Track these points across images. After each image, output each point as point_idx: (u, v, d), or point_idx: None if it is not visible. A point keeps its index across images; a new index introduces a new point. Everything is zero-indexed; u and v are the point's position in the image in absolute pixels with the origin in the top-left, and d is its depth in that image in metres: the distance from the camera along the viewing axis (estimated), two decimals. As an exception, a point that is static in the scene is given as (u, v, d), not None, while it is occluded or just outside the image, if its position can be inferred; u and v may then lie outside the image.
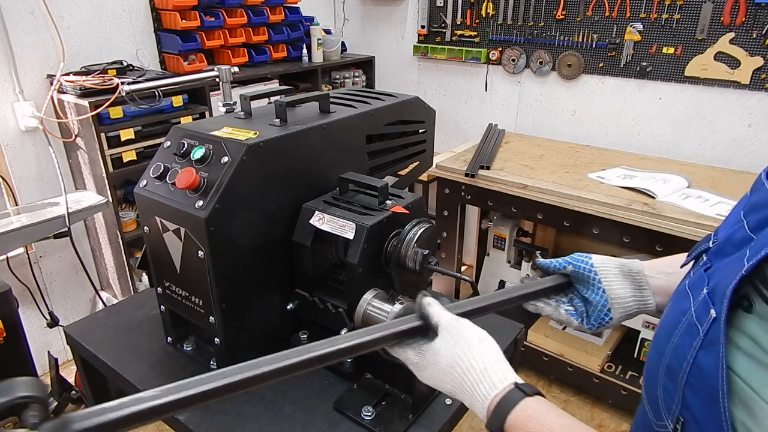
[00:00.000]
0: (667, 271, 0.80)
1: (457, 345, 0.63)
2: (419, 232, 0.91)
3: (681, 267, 0.65)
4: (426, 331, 0.66)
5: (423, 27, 3.16)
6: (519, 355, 1.15)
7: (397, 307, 0.85)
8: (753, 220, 0.50)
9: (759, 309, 0.45)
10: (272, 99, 1.06)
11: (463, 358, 0.62)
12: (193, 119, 2.35)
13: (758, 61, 2.20)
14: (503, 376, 0.61)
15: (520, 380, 0.61)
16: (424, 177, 2.92)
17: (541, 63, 2.80)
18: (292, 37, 2.90)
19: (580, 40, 2.63)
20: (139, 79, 2.17)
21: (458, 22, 3.02)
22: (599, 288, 0.80)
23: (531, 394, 0.59)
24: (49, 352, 2.30)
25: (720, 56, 2.30)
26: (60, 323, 2.12)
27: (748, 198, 0.56)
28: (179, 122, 2.30)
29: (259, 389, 0.95)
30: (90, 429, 0.48)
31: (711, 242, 0.59)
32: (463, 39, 3.03)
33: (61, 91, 2.19)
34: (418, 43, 3.22)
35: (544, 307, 0.88)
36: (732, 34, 2.23)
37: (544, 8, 2.70)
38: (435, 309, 0.66)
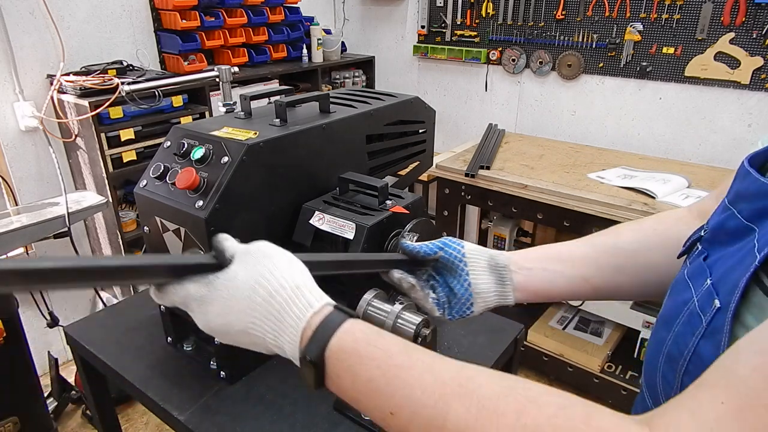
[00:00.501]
0: (528, 266, 0.77)
1: (260, 264, 0.51)
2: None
3: (678, 258, 0.64)
4: (217, 267, 0.52)
5: (423, 27, 3.16)
6: (519, 355, 1.15)
7: (398, 307, 0.85)
8: (746, 209, 0.50)
9: (756, 300, 0.46)
10: (272, 99, 1.06)
11: (269, 277, 0.50)
12: (193, 119, 2.35)
13: (758, 61, 2.21)
14: (319, 295, 0.52)
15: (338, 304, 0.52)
16: (424, 177, 2.92)
17: (541, 63, 2.80)
18: (292, 37, 2.90)
19: (580, 40, 2.63)
20: (139, 79, 2.17)
21: (458, 22, 3.02)
22: (465, 280, 0.76)
23: (355, 316, 0.51)
24: (49, 352, 2.30)
25: (720, 56, 2.30)
26: (60, 323, 2.12)
27: (730, 185, 0.56)
28: (179, 122, 2.30)
29: (259, 389, 0.95)
30: None
31: (703, 231, 0.59)
32: (463, 39, 3.03)
33: (61, 91, 2.19)
34: (418, 43, 3.22)
35: (416, 293, 0.79)
36: (732, 34, 2.24)
37: (544, 8, 2.70)
38: (231, 242, 0.54)
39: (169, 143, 0.97)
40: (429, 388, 0.45)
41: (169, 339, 1.07)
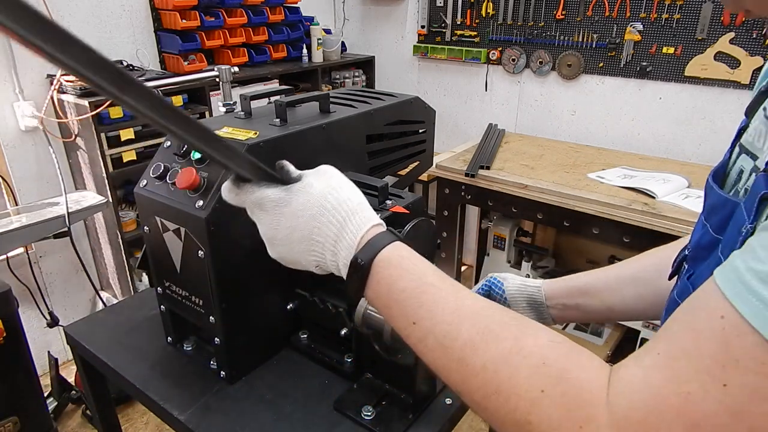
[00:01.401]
0: (562, 302, 0.87)
1: (333, 179, 0.59)
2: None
3: (669, 279, 0.67)
4: (293, 181, 0.60)
5: (423, 27, 3.16)
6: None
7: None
8: (714, 222, 0.53)
9: None
10: (272, 99, 1.06)
11: (339, 190, 0.58)
12: (193, 119, 2.35)
13: (758, 61, 2.20)
14: (375, 216, 0.58)
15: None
16: (424, 177, 2.92)
17: (541, 63, 2.80)
18: (292, 37, 2.90)
19: (580, 40, 2.63)
20: (140, 79, 2.16)
21: (458, 22, 3.02)
22: None
23: (403, 240, 0.58)
24: (49, 352, 2.30)
25: (720, 56, 2.30)
26: (60, 323, 2.12)
27: (703, 202, 0.59)
28: (179, 122, 2.30)
29: (259, 389, 0.95)
30: None
31: (687, 250, 0.61)
32: (463, 39, 3.03)
33: (61, 91, 2.19)
34: (418, 43, 3.22)
35: None
36: (732, 34, 2.24)
37: (544, 8, 2.70)
38: (292, 167, 0.62)
39: (169, 143, 0.97)
40: (450, 308, 0.52)
41: (169, 339, 1.07)
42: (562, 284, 0.89)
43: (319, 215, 0.57)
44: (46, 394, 2.12)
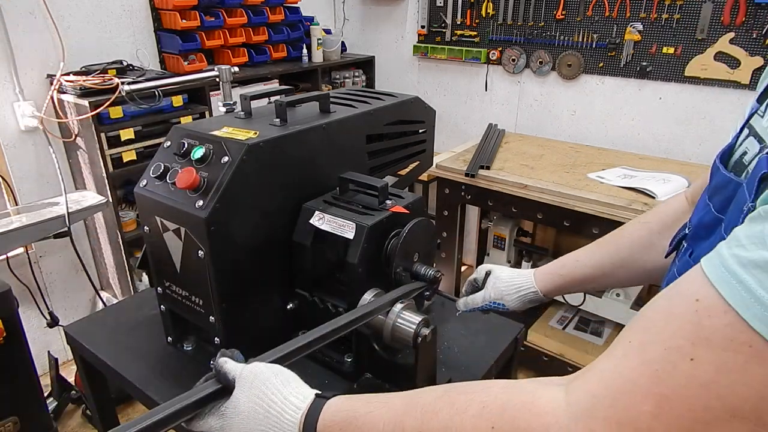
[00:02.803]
0: (560, 292, 0.97)
1: (254, 386, 0.62)
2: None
3: (666, 257, 0.71)
4: (226, 391, 0.64)
5: (423, 27, 3.16)
6: (519, 355, 1.15)
7: (398, 307, 0.85)
8: (717, 201, 0.54)
9: None
10: (272, 99, 1.06)
11: (263, 397, 0.61)
12: (193, 119, 2.35)
13: (758, 61, 2.20)
14: (303, 395, 0.62)
15: (319, 392, 0.63)
16: (424, 177, 2.92)
17: (541, 63, 2.80)
18: (292, 37, 2.90)
19: (580, 40, 2.63)
20: (139, 79, 2.17)
21: (458, 22, 3.02)
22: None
23: (330, 397, 0.62)
24: (49, 352, 2.30)
25: (720, 56, 2.30)
26: (60, 323, 2.12)
27: (708, 183, 0.61)
28: (179, 122, 2.30)
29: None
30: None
31: (687, 229, 0.63)
32: (463, 39, 3.03)
33: (61, 91, 2.18)
34: (418, 43, 3.22)
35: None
36: (732, 34, 2.24)
37: (544, 8, 2.70)
38: (230, 365, 0.65)
39: (169, 143, 0.97)
40: (388, 418, 0.56)
41: (169, 339, 1.07)
42: (559, 280, 0.95)
43: (258, 426, 0.61)
44: (46, 394, 2.12)
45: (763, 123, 0.53)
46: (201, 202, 0.85)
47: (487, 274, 1.03)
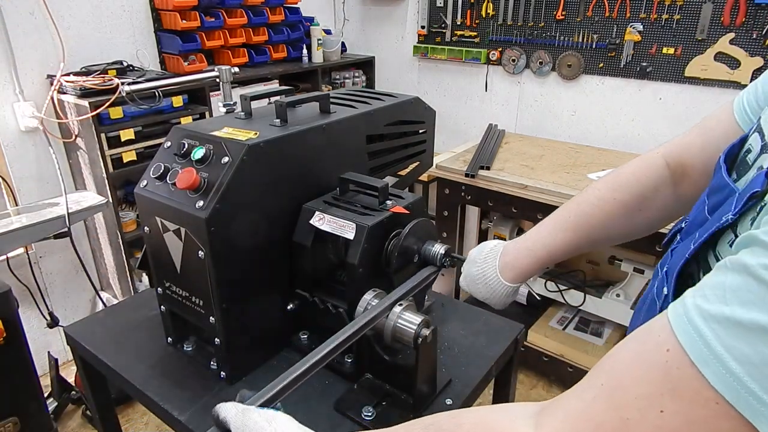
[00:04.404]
0: (527, 271, 0.92)
1: None
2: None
3: (661, 248, 0.70)
4: None
5: (423, 27, 3.16)
6: (519, 356, 1.15)
7: (398, 308, 0.85)
8: (711, 202, 0.54)
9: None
10: (272, 99, 1.06)
11: None
12: (193, 119, 2.35)
13: (758, 62, 2.20)
14: None
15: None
16: (424, 177, 2.92)
17: (541, 63, 2.80)
18: (292, 37, 2.90)
19: (580, 40, 2.63)
20: (140, 80, 2.17)
21: (458, 23, 3.02)
22: None
23: None
24: (49, 352, 2.30)
25: (720, 56, 2.30)
26: (60, 323, 2.12)
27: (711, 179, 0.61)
28: (179, 122, 2.30)
29: (259, 389, 0.95)
30: None
31: (684, 222, 0.63)
32: (463, 39, 3.03)
33: (61, 92, 2.19)
34: (418, 43, 3.22)
35: None
36: (732, 35, 2.24)
37: (544, 8, 2.70)
38: (226, 409, 0.63)
39: (169, 143, 0.97)
40: None
41: (169, 339, 1.07)
42: (536, 266, 0.90)
43: None
44: (46, 395, 2.12)
45: (766, 115, 0.53)
46: (201, 203, 0.85)
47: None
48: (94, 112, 2.04)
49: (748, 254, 0.37)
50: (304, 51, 3.00)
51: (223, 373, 0.97)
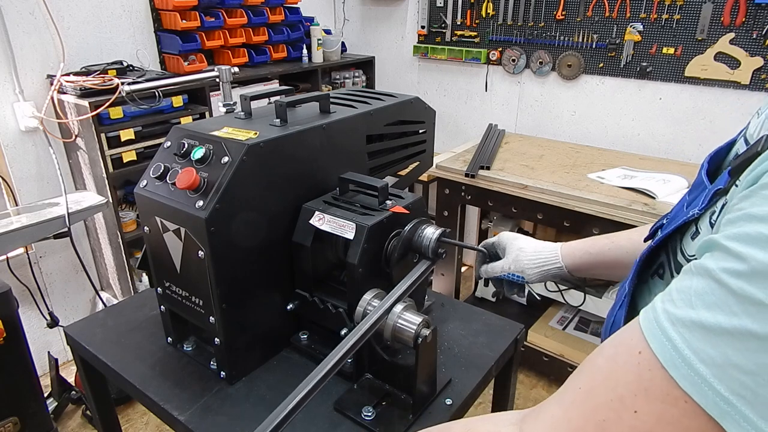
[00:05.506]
0: (585, 258, 0.95)
1: None
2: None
3: (645, 241, 0.72)
4: None
5: (423, 27, 3.16)
6: (519, 356, 1.15)
7: (398, 308, 0.85)
8: (690, 198, 0.56)
9: (667, 277, 0.55)
10: (272, 99, 1.06)
11: None
12: (193, 119, 2.35)
13: (758, 62, 2.20)
14: None
15: None
16: (424, 177, 2.92)
17: (541, 63, 2.80)
18: (292, 37, 2.90)
19: (580, 40, 2.63)
20: (140, 80, 2.17)
21: (458, 23, 3.02)
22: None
23: None
24: (49, 352, 2.30)
25: (720, 56, 2.30)
26: (60, 323, 2.12)
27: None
28: (179, 122, 2.30)
29: (259, 389, 0.95)
30: None
31: (665, 219, 0.64)
32: (463, 39, 3.03)
33: (61, 92, 2.19)
34: (418, 43, 3.22)
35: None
36: (732, 35, 2.24)
37: (544, 8, 2.70)
38: None
39: (169, 143, 0.97)
40: None
41: (169, 339, 1.07)
42: (587, 258, 0.94)
43: None
44: (46, 395, 2.12)
45: (755, 120, 0.54)
46: (201, 203, 0.85)
47: (506, 243, 1.03)
48: (94, 112, 2.04)
49: (710, 258, 0.39)
50: (304, 51, 3.00)
51: (223, 373, 0.97)
